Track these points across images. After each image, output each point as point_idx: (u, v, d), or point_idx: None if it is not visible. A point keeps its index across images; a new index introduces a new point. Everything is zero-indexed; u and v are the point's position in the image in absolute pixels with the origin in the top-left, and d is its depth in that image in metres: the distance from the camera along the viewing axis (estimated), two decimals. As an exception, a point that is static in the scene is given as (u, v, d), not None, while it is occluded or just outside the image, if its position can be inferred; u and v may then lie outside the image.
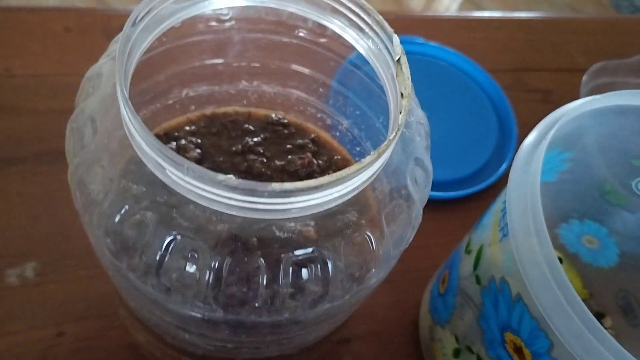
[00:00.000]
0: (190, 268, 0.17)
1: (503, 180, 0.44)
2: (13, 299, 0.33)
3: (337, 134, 0.29)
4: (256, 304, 0.18)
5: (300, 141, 0.29)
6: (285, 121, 0.29)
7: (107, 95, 0.19)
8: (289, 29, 0.25)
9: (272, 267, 0.17)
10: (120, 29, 0.45)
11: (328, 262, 0.18)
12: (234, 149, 0.27)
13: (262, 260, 0.17)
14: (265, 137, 0.28)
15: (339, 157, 0.28)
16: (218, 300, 0.18)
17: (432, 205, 0.41)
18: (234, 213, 0.16)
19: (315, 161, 0.27)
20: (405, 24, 0.53)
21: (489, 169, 0.44)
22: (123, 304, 0.26)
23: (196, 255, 0.17)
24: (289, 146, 0.28)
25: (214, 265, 0.17)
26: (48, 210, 0.37)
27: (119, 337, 0.33)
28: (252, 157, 0.27)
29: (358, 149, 0.29)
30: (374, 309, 0.37)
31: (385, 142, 0.17)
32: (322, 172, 0.27)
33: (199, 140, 0.28)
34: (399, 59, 0.19)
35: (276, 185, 0.15)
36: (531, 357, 0.24)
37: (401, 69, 0.18)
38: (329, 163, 0.28)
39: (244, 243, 0.17)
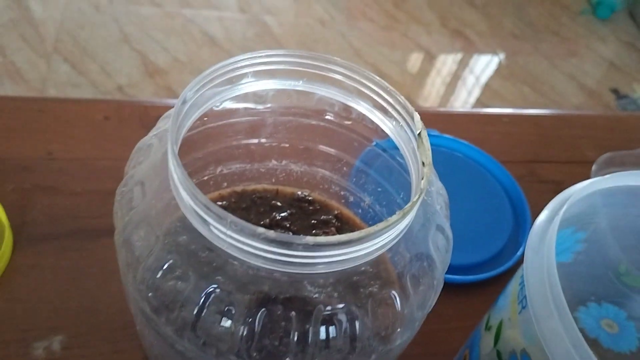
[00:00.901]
0: (226, 322, 0.18)
1: (519, 265, 0.45)
2: (38, 372, 0.34)
3: (359, 210, 0.31)
4: (287, 358, 0.18)
5: (324, 217, 0.30)
6: (311, 198, 0.31)
7: (156, 162, 0.21)
8: (318, 112, 0.28)
9: (303, 322, 0.18)
10: (156, 119, 0.48)
11: (356, 319, 0.19)
12: (262, 223, 0.29)
13: (294, 314, 0.18)
14: (292, 213, 0.30)
15: (361, 233, 0.30)
16: (250, 354, 0.18)
17: (450, 289, 0.42)
18: (269, 266, 0.18)
19: (338, 235, 0.29)
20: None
21: (505, 254, 0.45)
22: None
23: (232, 309, 0.18)
24: (313, 221, 0.30)
25: (249, 319, 0.18)
26: (77, 285, 0.38)
27: (139, 414, 0.33)
28: (279, 231, 0.29)
29: (379, 224, 0.30)
30: (394, 392, 0.37)
31: (409, 204, 0.18)
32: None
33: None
34: (419, 132, 0.21)
35: (310, 239, 0.17)
36: None
37: (422, 141, 0.20)
38: (351, 238, 0.29)
39: (278, 298, 0.18)
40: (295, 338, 0.18)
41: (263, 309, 0.18)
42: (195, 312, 0.18)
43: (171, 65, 1.30)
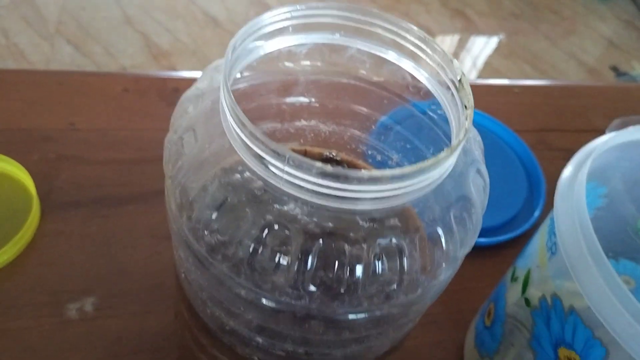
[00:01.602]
0: (282, 256, 0.19)
1: (535, 228, 0.46)
2: (73, 332, 0.35)
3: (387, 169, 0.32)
4: (341, 290, 0.19)
5: (352, 176, 0.31)
6: (338, 158, 0.32)
7: (206, 110, 0.22)
8: (349, 70, 0.28)
9: (356, 255, 0.19)
10: (174, 91, 0.48)
11: (406, 253, 0.20)
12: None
13: (347, 248, 0.19)
14: (320, 172, 0.31)
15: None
16: (305, 286, 0.19)
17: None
18: (324, 202, 0.18)
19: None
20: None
21: (521, 218, 0.46)
22: (193, 321, 0.27)
23: (288, 244, 0.19)
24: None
25: (304, 253, 0.19)
26: (106, 251, 0.39)
27: (173, 370, 0.34)
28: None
29: (407, 181, 0.31)
30: (419, 349, 0.38)
31: (456, 142, 0.19)
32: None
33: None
34: (460, 78, 0.21)
35: (364, 172, 0.18)
36: (587, 370, 0.25)
37: (463, 86, 0.21)
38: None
39: (331, 233, 0.19)
40: (349, 270, 0.19)
41: (318, 243, 0.19)
42: (252, 248, 0.19)
43: (174, 46, 1.30)
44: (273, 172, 0.19)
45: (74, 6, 1.32)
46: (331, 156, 0.32)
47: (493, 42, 1.68)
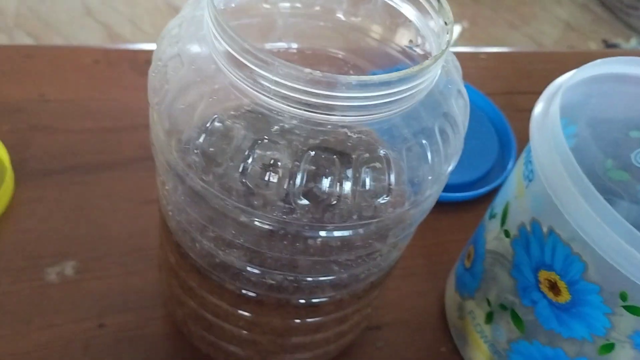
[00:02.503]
0: (273, 169, 0.19)
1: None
2: (54, 295, 0.34)
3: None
4: (332, 201, 0.20)
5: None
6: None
7: (190, 34, 0.22)
8: (326, 11, 0.29)
9: (345, 166, 0.20)
10: (145, 62, 0.48)
11: (393, 163, 0.20)
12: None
13: (336, 159, 0.19)
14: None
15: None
16: (296, 200, 0.20)
17: (444, 206, 0.44)
18: (313, 113, 0.19)
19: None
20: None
21: (493, 174, 0.47)
22: (180, 264, 0.27)
23: (278, 157, 0.19)
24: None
25: (295, 166, 0.19)
26: (84, 216, 0.38)
27: (159, 327, 0.34)
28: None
29: (386, 124, 0.31)
30: (401, 299, 0.39)
31: (440, 52, 0.20)
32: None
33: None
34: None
35: (353, 77, 0.18)
36: (566, 288, 0.26)
37: (442, 5, 0.22)
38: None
39: (322, 144, 0.20)
40: (338, 182, 0.19)
41: (308, 155, 0.19)
42: (242, 163, 0.19)
43: (137, 36, 1.28)
44: (262, 84, 0.19)
45: (32, -1, 1.29)
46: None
47: (455, 29, 1.71)
